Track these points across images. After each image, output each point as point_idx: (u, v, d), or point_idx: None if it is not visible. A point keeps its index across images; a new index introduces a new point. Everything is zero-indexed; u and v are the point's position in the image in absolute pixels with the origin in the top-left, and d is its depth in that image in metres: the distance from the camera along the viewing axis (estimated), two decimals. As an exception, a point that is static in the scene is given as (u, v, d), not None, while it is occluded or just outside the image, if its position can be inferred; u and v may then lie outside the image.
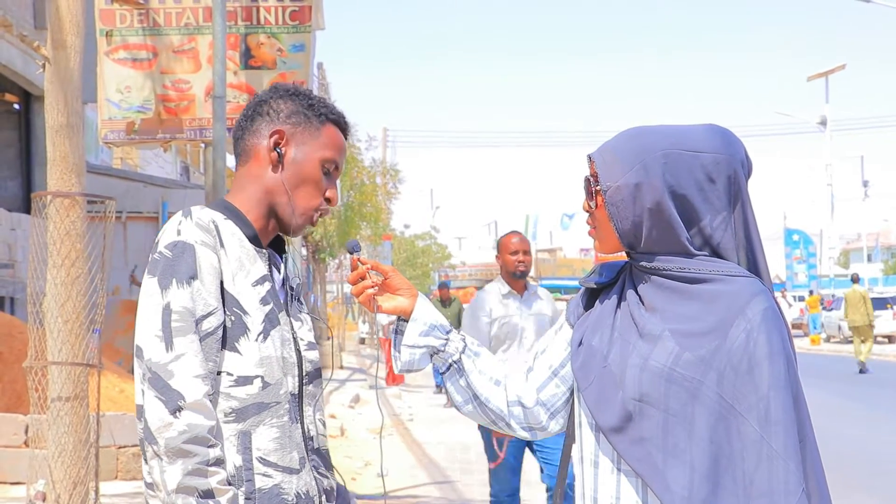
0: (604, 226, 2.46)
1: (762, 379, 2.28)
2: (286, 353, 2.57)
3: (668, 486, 2.31)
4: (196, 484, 2.35)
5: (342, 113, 2.72)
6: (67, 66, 6.34)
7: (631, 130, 2.47)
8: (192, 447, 2.36)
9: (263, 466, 2.49)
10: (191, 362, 2.41)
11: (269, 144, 2.63)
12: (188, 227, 2.50)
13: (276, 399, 2.53)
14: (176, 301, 2.43)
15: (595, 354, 2.45)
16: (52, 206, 6.31)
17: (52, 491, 6.33)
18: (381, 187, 32.33)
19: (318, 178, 2.63)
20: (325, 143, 2.65)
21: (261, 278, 2.57)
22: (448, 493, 10.76)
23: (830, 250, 53.01)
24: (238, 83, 11.20)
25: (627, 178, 2.38)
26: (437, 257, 60.89)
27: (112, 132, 11.37)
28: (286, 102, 2.67)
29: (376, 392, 2.82)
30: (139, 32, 11.19)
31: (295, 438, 2.56)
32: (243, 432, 2.49)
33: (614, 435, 2.37)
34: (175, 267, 2.45)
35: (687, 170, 2.36)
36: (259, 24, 11.31)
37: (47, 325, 6.36)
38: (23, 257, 16.80)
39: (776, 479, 2.25)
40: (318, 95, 2.73)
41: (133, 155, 28.19)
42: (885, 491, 10.79)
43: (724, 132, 2.45)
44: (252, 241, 2.60)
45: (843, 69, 52.16)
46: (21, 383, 11.10)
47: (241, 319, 2.50)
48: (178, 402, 2.37)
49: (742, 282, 2.36)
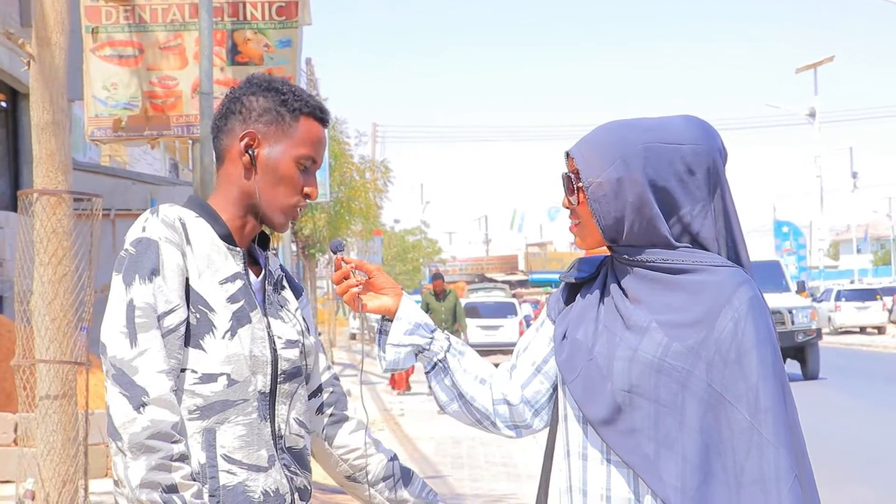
0: (586, 221, 2.46)
1: (751, 367, 2.30)
2: (257, 350, 2.54)
3: (660, 476, 2.32)
4: (160, 479, 2.34)
5: (319, 104, 2.67)
6: (53, 64, 6.31)
7: (609, 125, 2.47)
8: (155, 443, 2.35)
9: (227, 464, 2.48)
10: (154, 358, 2.40)
11: (241, 147, 2.60)
12: (153, 224, 2.50)
13: (244, 397, 2.51)
14: (139, 297, 2.43)
15: (580, 347, 2.45)
16: (39, 203, 6.28)
17: (42, 489, 6.31)
18: (371, 183, 32.27)
19: (293, 176, 2.59)
20: (299, 139, 2.60)
21: (231, 276, 2.55)
22: (439, 487, 10.76)
23: (820, 242, 53.14)
24: (225, 79, 11.17)
25: (608, 173, 2.38)
26: (428, 252, 60.96)
27: (99, 129, 11.34)
28: (258, 99, 2.61)
29: (360, 388, 2.81)
30: (125, 29, 11.16)
31: (264, 436, 2.54)
32: (207, 429, 2.47)
33: (604, 427, 2.37)
34: (138, 263, 2.46)
35: (667, 162, 2.37)
36: (245, 20, 11.29)
37: (35, 324, 6.34)
38: (10, 255, 16.75)
39: (767, 465, 2.26)
40: (294, 86, 2.66)
41: (121, 152, 28.11)
42: (877, 480, 10.83)
43: (701, 123, 2.46)
44: (225, 239, 2.58)
45: (832, 61, 52.32)
46: (9, 382, 11.07)
47: (206, 317, 2.49)
48: (141, 397, 2.36)
49: (726, 272, 2.38)
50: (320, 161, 2.66)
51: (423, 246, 60.98)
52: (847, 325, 41.16)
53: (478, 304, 31.17)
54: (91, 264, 6.69)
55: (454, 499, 10.08)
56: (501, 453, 12.93)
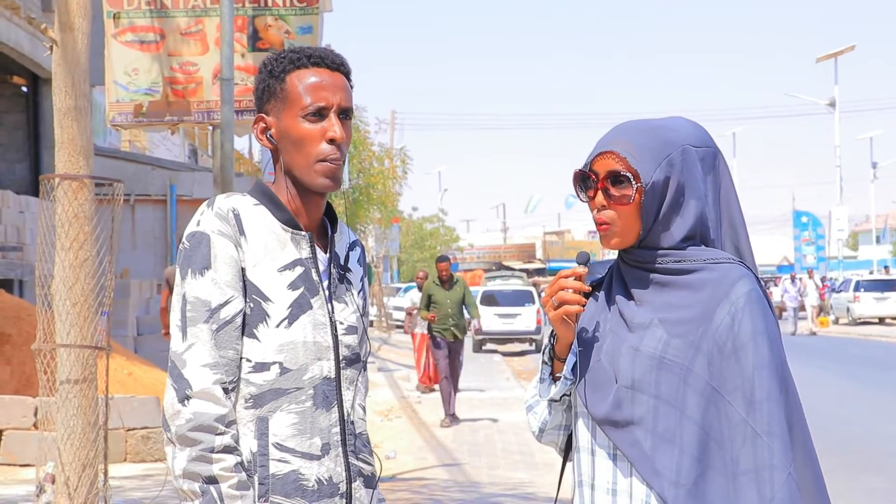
0: (631, 220, 2.45)
1: (747, 360, 2.33)
2: (319, 337, 2.56)
3: (655, 470, 2.36)
4: (200, 470, 2.41)
5: (307, 51, 2.60)
6: (75, 49, 6.33)
7: (640, 124, 2.50)
8: (197, 434, 2.42)
9: (280, 452, 2.50)
10: (200, 351, 2.45)
11: (258, 134, 2.63)
12: (207, 218, 2.52)
13: (297, 385, 2.53)
14: (190, 291, 2.48)
15: (589, 350, 2.50)
16: (60, 188, 6.31)
17: (62, 473, 6.35)
18: (390, 170, 32.27)
19: (305, 134, 2.55)
20: (294, 98, 2.56)
21: (290, 263, 2.56)
22: (456, 475, 10.78)
23: (839, 232, 52.83)
24: (245, 65, 11.20)
25: (657, 173, 2.42)
26: (445, 240, 60.95)
27: (120, 115, 11.38)
28: (257, 81, 2.64)
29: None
30: (146, 15, 11.18)
31: (318, 424, 2.55)
32: (261, 418, 2.51)
33: (607, 423, 2.43)
34: (191, 258, 2.50)
35: (692, 163, 2.45)
36: (266, 7, 11.30)
37: (56, 308, 6.38)
38: (31, 240, 16.83)
39: (761, 456, 2.29)
40: (284, 51, 2.62)
41: (141, 138, 28.20)
42: (892, 471, 10.80)
43: (700, 125, 2.54)
44: (288, 224, 2.58)
45: (853, 50, 52.00)
46: (30, 366, 11.14)
47: (259, 307, 2.51)
48: (185, 390, 2.43)
49: (726, 267, 2.42)
50: (331, 100, 2.57)
51: (441, 234, 60.99)
52: (866, 316, 40.96)
53: (495, 292, 31.15)
54: (112, 249, 6.71)
55: (471, 486, 10.10)
56: (518, 441, 12.93)
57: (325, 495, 2.54)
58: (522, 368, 25.14)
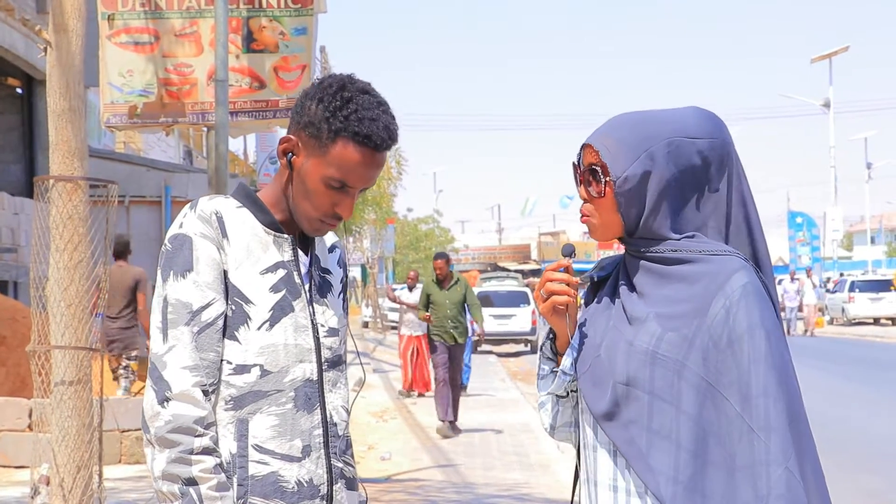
0: (608, 214, 2.46)
1: (742, 354, 2.30)
2: (300, 340, 2.56)
3: (650, 467, 2.35)
4: (179, 472, 2.42)
5: (367, 130, 2.49)
6: (69, 50, 6.32)
7: (628, 117, 2.49)
8: (176, 436, 2.42)
9: (259, 454, 2.50)
10: (180, 353, 2.45)
11: (280, 149, 2.59)
12: (190, 220, 2.52)
13: (278, 387, 2.53)
14: (172, 293, 2.48)
15: (590, 345, 2.49)
16: (55, 190, 6.30)
17: (56, 475, 6.34)
18: (385, 171, 32.27)
19: (320, 193, 2.53)
20: (330, 160, 2.50)
21: (273, 266, 2.56)
22: (451, 476, 10.78)
23: (834, 233, 52.88)
24: (240, 67, 11.19)
25: (635, 167, 2.39)
26: (440, 241, 60.89)
27: (114, 116, 11.37)
28: (314, 106, 2.52)
29: (358, 354, 2.80)
30: (141, 16, 11.18)
31: (299, 426, 2.55)
32: (240, 420, 2.51)
33: (605, 420, 2.42)
34: (173, 260, 2.50)
35: (686, 156, 2.41)
36: (261, 8, 11.30)
37: (50, 309, 6.36)
38: (26, 241, 16.82)
39: (756, 452, 2.27)
40: (357, 100, 2.50)
41: (136, 139, 28.17)
42: (889, 472, 10.81)
43: (711, 115, 2.49)
44: (271, 227, 2.58)
45: (847, 51, 52.06)
46: (24, 367, 11.12)
47: (241, 309, 2.51)
48: (165, 392, 2.44)
49: (723, 259, 2.39)
50: (359, 184, 2.55)
51: (436, 234, 60.91)
52: (861, 317, 41.01)
53: (490, 293, 31.20)
54: (107, 251, 6.71)
55: (466, 488, 10.09)
56: (514, 443, 12.93)
57: (305, 497, 2.54)
58: (518, 370, 25.15)
